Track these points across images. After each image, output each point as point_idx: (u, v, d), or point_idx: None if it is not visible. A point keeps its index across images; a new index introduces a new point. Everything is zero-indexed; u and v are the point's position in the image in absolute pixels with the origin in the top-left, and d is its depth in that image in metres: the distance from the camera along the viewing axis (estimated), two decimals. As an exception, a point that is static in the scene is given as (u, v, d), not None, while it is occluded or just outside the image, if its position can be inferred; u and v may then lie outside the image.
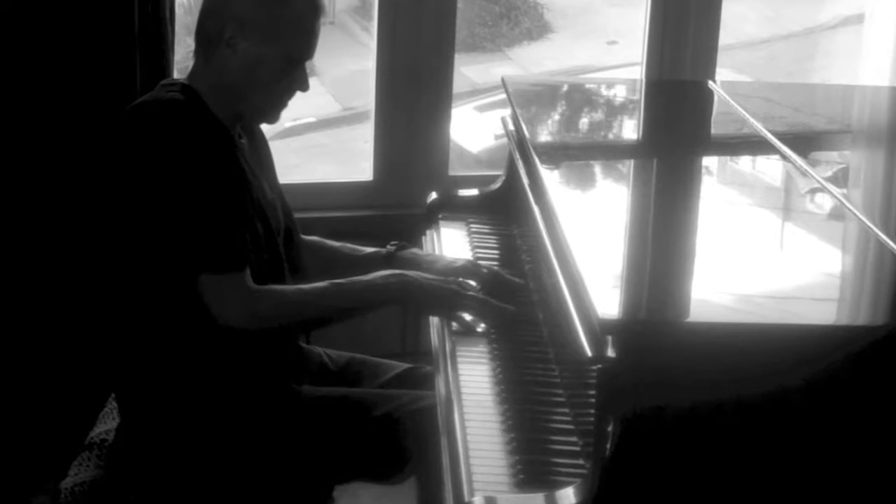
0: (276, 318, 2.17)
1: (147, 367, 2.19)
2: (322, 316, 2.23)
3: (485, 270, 2.37)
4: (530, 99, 2.89)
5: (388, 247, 2.46)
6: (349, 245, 2.50)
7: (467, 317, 2.21)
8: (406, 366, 2.44)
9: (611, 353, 1.58)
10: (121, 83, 2.78)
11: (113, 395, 2.37)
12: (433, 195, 2.80)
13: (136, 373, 2.20)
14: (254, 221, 2.19)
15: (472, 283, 2.31)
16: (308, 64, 2.24)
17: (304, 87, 2.23)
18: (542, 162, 2.27)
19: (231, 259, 2.10)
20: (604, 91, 3.22)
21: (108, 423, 2.35)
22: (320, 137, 5.19)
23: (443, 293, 2.21)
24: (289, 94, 2.24)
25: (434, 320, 2.25)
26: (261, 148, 2.38)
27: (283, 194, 2.39)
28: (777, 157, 2.39)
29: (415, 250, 2.47)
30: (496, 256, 2.57)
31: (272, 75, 2.18)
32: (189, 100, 2.16)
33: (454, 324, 2.20)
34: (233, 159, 2.18)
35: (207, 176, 2.09)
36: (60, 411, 2.86)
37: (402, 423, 2.14)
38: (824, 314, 1.84)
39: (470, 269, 2.37)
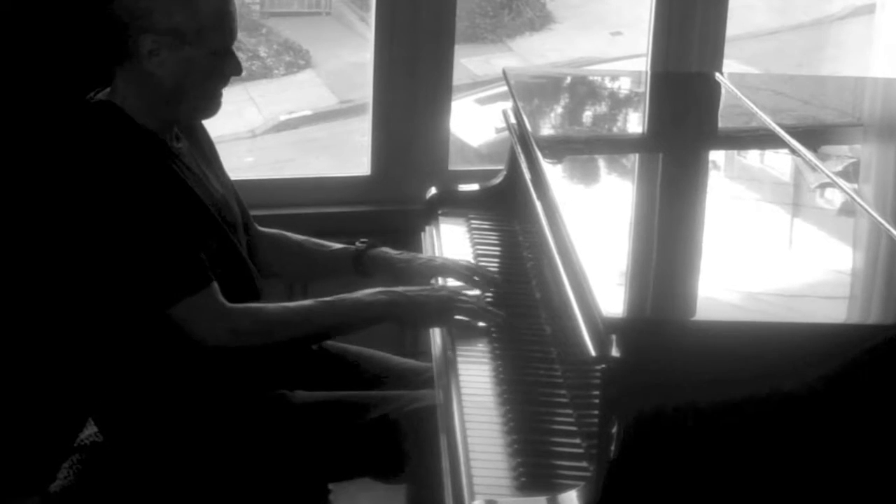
0: (260, 337, 2.14)
1: (131, 380, 2.18)
2: (310, 335, 2.22)
3: (463, 264, 2.38)
4: (532, 91, 2.88)
5: (358, 244, 2.45)
6: (313, 239, 2.49)
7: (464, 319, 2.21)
8: (402, 360, 2.44)
9: (615, 352, 1.58)
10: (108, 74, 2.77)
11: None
12: (433, 190, 2.80)
13: (120, 386, 2.19)
14: (205, 234, 2.16)
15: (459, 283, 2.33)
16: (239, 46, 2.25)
17: (238, 70, 2.21)
18: (545, 156, 2.27)
19: (191, 281, 2.09)
20: (608, 83, 3.22)
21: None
22: (316, 131, 5.18)
23: (434, 303, 2.21)
24: (223, 84, 2.22)
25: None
26: (202, 143, 2.35)
27: (234, 187, 2.38)
28: (786, 151, 2.39)
29: (385, 249, 2.45)
30: (497, 253, 2.57)
31: (204, 73, 2.16)
32: (112, 121, 2.14)
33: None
34: (170, 174, 2.15)
35: (146, 207, 2.07)
36: (49, 414, 2.86)
37: (399, 425, 2.14)
38: (834, 312, 1.84)
39: (450, 266, 2.38)
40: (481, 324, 2.19)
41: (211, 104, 2.23)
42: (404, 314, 2.23)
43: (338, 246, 2.47)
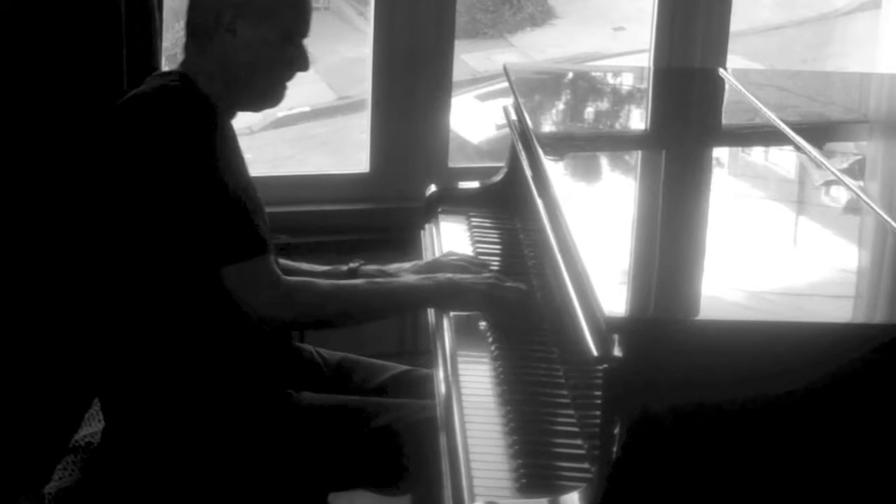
0: (312, 311, 2.16)
1: (140, 370, 2.18)
2: (356, 314, 2.23)
3: (454, 258, 2.41)
4: (533, 87, 2.88)
5: (350, 264, 2.46)
6: (305, 264, 2.50)
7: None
8: (402, 367, 2.45)
9: (617, 352, 1.58)
10: (106, 73, 2.77)
11: (97, 400, 2.36)
12: (432, 187, 2.80)
13: (128, 376, 2.20)
14: (259, 211, 2.21)
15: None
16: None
17: (305, 66, 2.26)
18: (546, 153, 2.27)
19: (253, 244, 2.11)
20: (610, 79, 3.22)
21: (93, 426, 2.36)
22: (315, 127, 5.18)
23: (479, 288, 2.22)
24: (289, 76, 2.26)
25: (432, 318, 2.25)
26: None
27: None
28: (791, 148, 2.39)
29: (377, 267, 2.46)
30: (498, 251, 2.57)
31: (275, 56, 2.21)
32: (189, 89, 2.17)
33: (481, 323, 2.20)
34: (235, 149, 2.20)
35: (215, 164, 2.10)
36: (44, 414, 2.86)
37: (402, 436, 2.14)
38: (840, 312, 1.84)
39: (443, 262, 2.40)
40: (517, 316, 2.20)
41: (273, 94, 2.26)
42: (448, 299, 2.23)
43: (327, 267, 2.46)
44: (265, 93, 2.26)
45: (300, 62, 2.25)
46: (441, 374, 2.07)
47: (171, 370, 2.17)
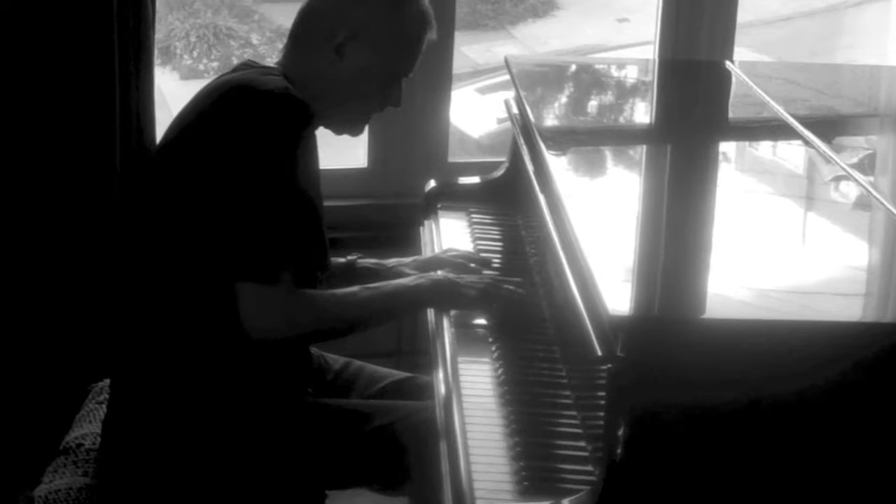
0: (312, 324, 2.15)
1: (154, 361, 2.17)
2: (355, 321, 2.23)
3: (454, 255, 2.41)
4: (535, 80, 2.88)
5: (349, 257, 2.46)
6: None
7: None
8: (405, 374, 2.45)
9: (621, 352, 1.58)
10: (97, 67, 2.77)
11: (89, 401, 2.36)
12: (432, 183, 2.80)
13: (141, 366, 2.18)
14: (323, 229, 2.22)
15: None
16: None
17: (398, 103, 2.29)
18: (548, 148, 2.27)
19: (280, 265, 2.08)
20: (614, 72, 3.22)
21: (84, 427, 2.36)
22: (312, 122, 5.18)
23: (478, 287, 2.23)
24: (379, 109, 2.29)
25: (431, 317, 2.25)
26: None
27: None
28: (799, 142, 2.39)
29: (375, 260, 2.47)
30: (499, 248, 2.57)
31: (373, 87, 2.23)
32: (294, 94, 2.12)
33: (482, 321, 2.21)
34: (314, 161, 2.21)
35: (294, 171, 2.08)
36: (34, 415, 2.86)
37: (402, 437, 2.14)
38: (849, 310, 1.84)
39: (444, 259, 2.40)
40: (518, 314, 2.20)
41: (357, 123, 2.30)
42: (446, 298, 2.24)
43: None
44: (349, 120, 2.28)
45: (394, 99, 2.27)
46: (441, 374, 2.07)
47: (183, 364, 2.16)
